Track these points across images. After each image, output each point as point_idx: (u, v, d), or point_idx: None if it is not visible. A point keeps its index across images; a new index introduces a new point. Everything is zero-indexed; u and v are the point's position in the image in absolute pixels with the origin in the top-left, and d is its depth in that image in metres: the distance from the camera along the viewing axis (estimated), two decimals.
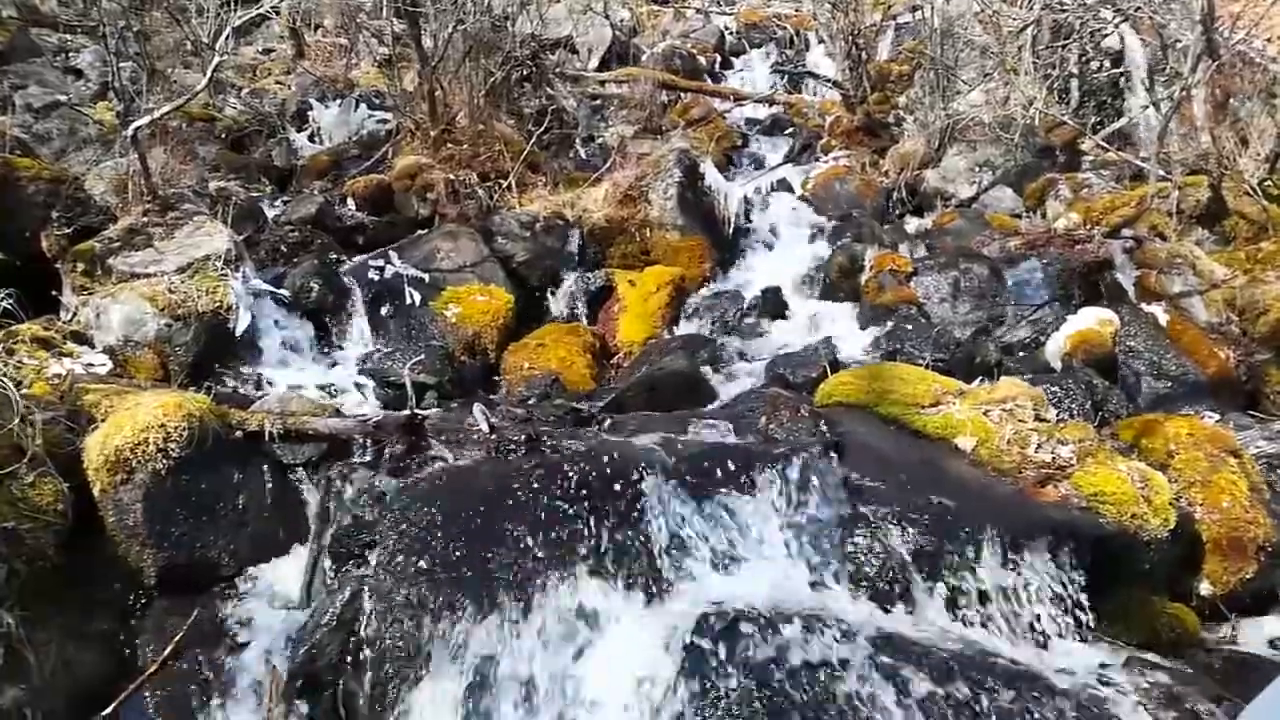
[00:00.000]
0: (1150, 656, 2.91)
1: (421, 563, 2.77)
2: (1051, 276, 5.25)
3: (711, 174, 6.74)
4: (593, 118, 8.98)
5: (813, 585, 2.91)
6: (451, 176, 6.27)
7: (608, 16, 10.78)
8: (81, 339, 4.25)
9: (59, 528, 2.84)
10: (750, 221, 6.85)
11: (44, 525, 2.80)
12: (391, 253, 5.45)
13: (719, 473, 3.08)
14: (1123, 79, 8.16)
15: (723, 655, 2.51)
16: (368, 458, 3.31)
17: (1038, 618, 2.92)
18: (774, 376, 4.51)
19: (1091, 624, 2.99)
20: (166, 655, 2.81)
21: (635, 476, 2.97)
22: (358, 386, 4.59)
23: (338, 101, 8.61)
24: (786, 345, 5.11)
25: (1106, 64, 8.23)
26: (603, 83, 9.53)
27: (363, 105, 8.51)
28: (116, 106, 6.28)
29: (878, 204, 7.07)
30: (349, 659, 2.74)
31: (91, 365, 4.06)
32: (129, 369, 4.18)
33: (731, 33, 12.38)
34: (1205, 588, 3.35)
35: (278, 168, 7.28)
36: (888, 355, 4.88)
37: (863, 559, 2.97)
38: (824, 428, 3.44)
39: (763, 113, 9.93)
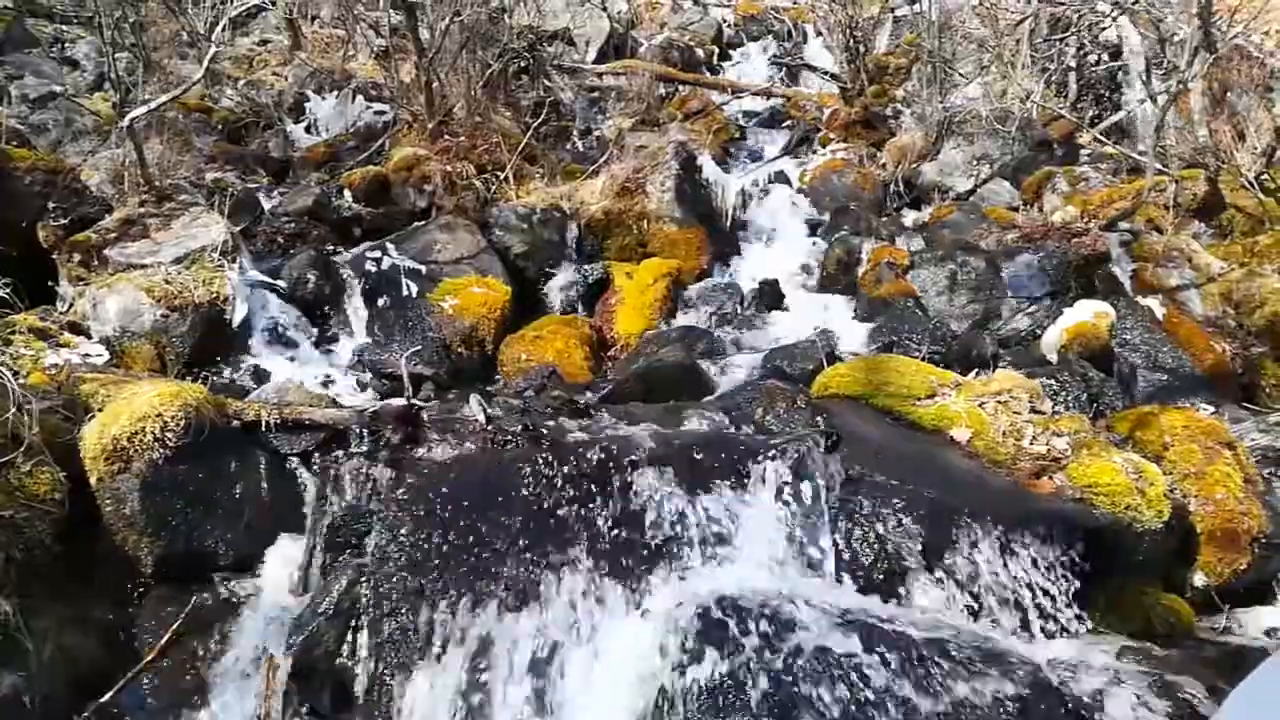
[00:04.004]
0: (1144, 646, 2.93)
1: (418, 552, 2.78)
2: (1048, 269, 5.26)
3: (709, 166, 6.74)
4: (590, 110, 8.95)
5: (808, 574, 2.92)
6: (449, 168, 6.26)
7: (605, 9, 10.75)
8: (78, 329, 4.25)
9: (56, 517, 2.84)
10: (748, 214, 6.85)
11: (41, 514, 2.80)
12: (388, 244, 5.45)
13: (715, 463, 3.09)
14: (1120, 72, 8.17)
15: (718, 643, 2.52)
16: (365, 448, 3.31)
17: (1032, 608, 2.93)
18: (771, 368, 4.51)
19: (1086, 615, 3.00)
20: (164, 643, 2.81)
21: (631, 467, 2.98)
22: (354, 377, 4.59)
23: (335, 93, 8.57)
24: (783, 337, 5.10)
25: (1104, 57, 8.25)
26: (600, 75, 9.50)
27: (360, 97, 8.47)
28: (113, 97, 6.28)
29: (875, 197, 7.06)
30: (346, 647, 2.75)
31: (88, 355, 4.06)
32: (126, 359, 4.18)
33: (729, 25, 12.36)
34: (1199, 579, 3.37)
35: (274, 159, 7.26)
36: (884, 347, 4.88)
37: (858, 549, 2.98)
38: (820, 419, 3.45)
39: (760, 105, 9.91)
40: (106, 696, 2.67)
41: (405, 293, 5.16)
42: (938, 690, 2.49)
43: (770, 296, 5.71)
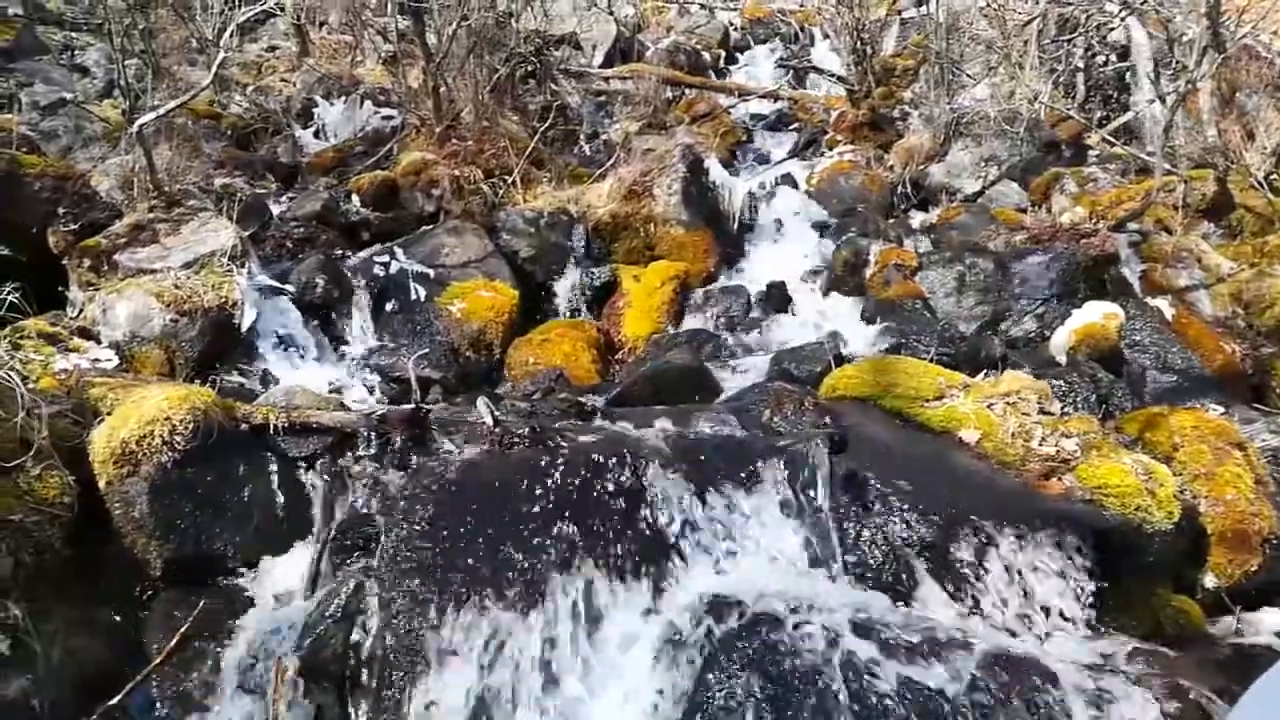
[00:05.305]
0: (1154, 648, 2.91)
1: (426, 555, 2.78)
2: (1057, 271, 5.24)
3: (716, 169, 6.73)
4: (597, 114, 8.97)
5: (816, 575, 2.91)
6: (456, 173, 6.27)
7: (612, 13, 10.78)
8: (88, 334, 4.28)
9: (65, 520, 2.84)
10: (755, 217, 6.84)
11: (50, 518, 2.81)
12: (396, 248, 5.46)
13: (723, 465, 3.09)
14: (1128, 73, 8.15)
15: (727, 646, 2.52)
16: (373, 451, 3.31)
17: (1041, 609, 2.92)
18: (778, 370, 4.51)
19: (1095, 616, 2.98)
20: (172, 646, 2.81)
21: (639, 469, 2.98)
22: (362, 381, 4.61)
23: (343, 98, 8.61)
24: (791, 340, 5.10)
25: (1112, 58, 8.23)
26: (607, 79, 9.51)
27: (368, 102, 8.50)
28: (122, 104, 6.32)
29: (883, 199, 7.06)
30: (354, 651, 2.75)
31: (98, 360, 4.08)
32: (135, 364, 4.20)
33: (736, 28, 12.38)
34: (1209, 580, 3.35)
35: (283, 164, 7.28)
36: (892, 349, 4.87)
37: (866, 550, 2.97)
38: (828, 421, 3.44)
39: (767, 108, 9.92)
40: (114, 699, 2.67)
41: (413, 296, 5.17)
42: (946, 691, 2.48)
43: (777, 299, 5.71)
